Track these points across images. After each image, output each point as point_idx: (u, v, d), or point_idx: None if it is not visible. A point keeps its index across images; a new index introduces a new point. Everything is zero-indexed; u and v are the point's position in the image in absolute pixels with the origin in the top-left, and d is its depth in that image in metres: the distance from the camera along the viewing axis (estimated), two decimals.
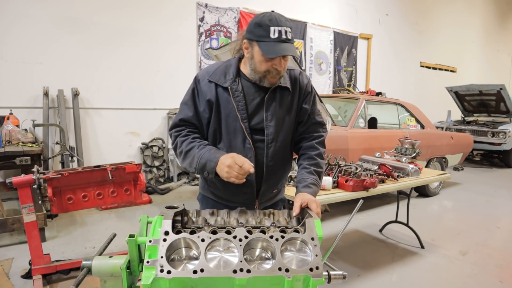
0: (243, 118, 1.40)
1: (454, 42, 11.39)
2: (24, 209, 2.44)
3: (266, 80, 1.39)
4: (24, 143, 3.72)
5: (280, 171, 1.53)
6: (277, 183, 1.57)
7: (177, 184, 5.45)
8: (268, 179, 1.48)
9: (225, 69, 1.45)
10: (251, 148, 1.42)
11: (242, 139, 1.41)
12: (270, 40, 1.31)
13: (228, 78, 1.42)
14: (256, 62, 1.36)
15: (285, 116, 1.47)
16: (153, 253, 0.94)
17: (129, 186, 2.82)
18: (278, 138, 1.45)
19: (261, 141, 1.44)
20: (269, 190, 1.54)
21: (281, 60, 1.34)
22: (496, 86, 7.68)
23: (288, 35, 1.33)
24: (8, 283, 2.56)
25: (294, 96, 1.50)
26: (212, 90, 1.41)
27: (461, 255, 3.27)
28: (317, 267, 0.95)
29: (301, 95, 1.53)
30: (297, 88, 1.51)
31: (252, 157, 1.41)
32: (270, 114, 1.43)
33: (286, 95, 1.47)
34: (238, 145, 1.42)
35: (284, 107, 1.47)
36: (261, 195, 1.51)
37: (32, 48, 4.52)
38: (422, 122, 5.32)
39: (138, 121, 5.40)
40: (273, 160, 1.46)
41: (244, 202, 1.46)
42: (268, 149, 1.44)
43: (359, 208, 1.23)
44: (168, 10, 5.56)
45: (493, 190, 5.81)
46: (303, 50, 7.33)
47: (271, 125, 1.43)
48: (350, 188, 2.56)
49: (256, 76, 1.40)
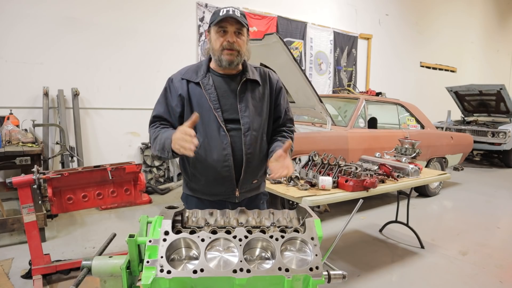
0: (215, 108, 1.51)
1: (454, 42, 11.39)
2: (24, 209, 2.44)
3: (223, 58, 1.48)
4: (24, 143, 3.72)
5: (258, 160, 1.60)
6: (257, 173, 1.63)
7: (177, 184, 5.45)
8: (247, 167, 1.55)
9: (196, 68, 1.59)
10: (226, 135, 1.50)
11: (216, 127, 1.50)
12: (219, 17, 1.46)
13: (199, 75, 1.55)
14: (213, 42, 1.51)
15: (257, 107, 1.58)
16: (153, 253, 0.94)
17: (129, 186, 2.82)
18: (253, 127, 1.55)
19: (237, 129, 1.53)
20: (249, 179, 1.60)
21: (233, 35, 1.47)
22: (496, 86, 7.68)
23: (236, 12, 1.46)
24: (8, 283, 2.56)
25: (265, 90, 1.62)
26: (183, 86, 1.54)
27: (461, 255, 3.27)
28: (317, 266, 0.95)
29: (273, 90, 1.65)
30: (267, 83, 1.64)
31: (228, 144, 1.50)
32: (244, 105, 1.54)
33: (257, 87, 1.59)
34: (213, 134, 1.50)
35: (256, 99, 1.58)
36: (241, 183, 1.57)
37: (32, 48, 4.52)
38: (422, 122, 5.32)
39: (138, 121, 5.40)
40: (251, 148, 1.54)
41: (225, 192, 1.57)
42: (245, 138, 1.53)
43: (358, 208, 1.23)
44: (168, 10, 5.57)
45: (493, 190, 5.81)
46: (303, 50, 7.33)
47: (245, 115, 1.53)
48: (350, 188, 2.56)
49: (215, 56, 1.51)
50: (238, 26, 1.47)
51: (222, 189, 1.57)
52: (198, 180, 1.59)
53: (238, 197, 1.59)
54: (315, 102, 3.98)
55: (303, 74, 3.74)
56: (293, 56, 3.62)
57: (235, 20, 1.45)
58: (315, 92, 3.87)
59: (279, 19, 6.73)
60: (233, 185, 1.56)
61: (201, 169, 1.55)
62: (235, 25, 1.46)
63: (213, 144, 1.51)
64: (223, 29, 1.47)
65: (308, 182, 2.62)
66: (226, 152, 1.50)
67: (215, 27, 1.48)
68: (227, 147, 1.49)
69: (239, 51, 1.49)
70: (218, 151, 1.50)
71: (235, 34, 1.47)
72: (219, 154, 1.50)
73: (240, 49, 1.50)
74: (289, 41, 6.94)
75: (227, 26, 1.46)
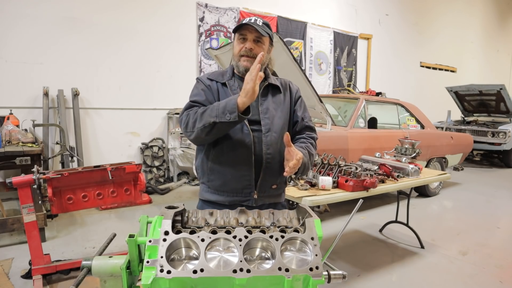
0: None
1: (454, 42, 11.39)
2: (24, 209, 2.44)
3: (240, 64, 1.56)
4: (24, 143, 3.72)
5: (278, 163, 1.59)
6: (276, 177, 1.62)
7: (177, 184, 5.45)
8: (266, 167, 1.56)
9: (222, 72, 1.69)
10: (249, 133, 1.54)
11: (240, 125, 1.53)
12: (240, 24, 1.55)
13: (225, 77, 1.64)
14: (234, 47, 1.60)
15: (278, 110, 1.63)
16: (153, 253, 0.94)
17: (129, 186, 2.82)
18: (273, 129, 1.58)
19: (258, 130, 1.56)
20: (268, 181, 1.59)
21: (251, 42, 1.54)
22: (496, 86, 7.68)
23: (258, 21, 1.54)
24: (8, 283, 2.56)
25: (285, 96, 1.69)
26: (213, 85, 1.63)
27: (461, 255, 3.27)
28: (317, 266, 0.95)
29: (292, 97, 1.72)
30: (288, 91, 1.71)
31: (250, 142, 1.53)
32: (265, 107, 1.59)
33: (277, 93, 1.66)
34: (237, 131, 1.54)
35: (276, 103, 1.64)
36: (259, 185, 1.57)
37: (32, 48, 4.52)
38: (422, 122, 5.32)
39: (138, 121, 5.41)
40: (271, 149, 1.56)
41: (243, 192, 1.56)
42: (265, 138, 1.56)
43: (358, 208, 1.23)
44: (168, 10, 5.57)
45: (493, 190, 5.81)
46: (303, 50, 7.33)
47: (266, 117, 1.58)
48: (350, 188, 2.56)
49: (234, 62, 1.59)
50: (257, 34, 1.53)
51: (239, 186, 1.56)
52: (217, 176, 1.58)
53: (257, 200, 1.58)
54: (315, 102, 3.98)
55: (303, 74, 3.74)
56: (293, 56, 3.62)
57: (255, 28, 1.51)
58: (315, 92, 3.87)
59: (279, 19, 6.74)
60: (251, 185, 1.56)
61: (222, 164, 1.56)
62: (255, 33, 1.53)
63: (236, 141, 1.54)
64: (243, 36, 1.55)
65: (308, 182, 2.62)
66: (247, 150, 1.53)
67: (237, 34, 1.58)
68: (249, 145, 1.53)
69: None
70: (240, 147, 1.53)
71: (254, 42, 1.54)
72: (241, 150, 1.53)
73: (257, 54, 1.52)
74: (289, 41, 6.94)
75: (247, 34, 1.54)
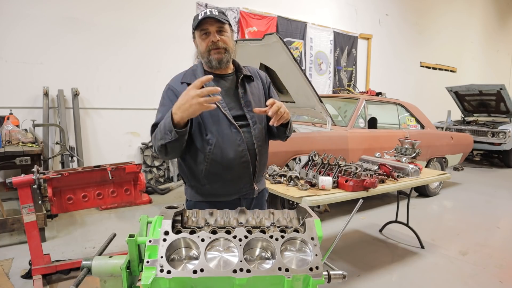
0: (223, 106, 1.51)
1: (454, 42, 11.39)
2: (24, 209, 2.44)
3: (212, 58, 1.50)
4: (24, 143, 3.72)
5: (265, 151, 1.65)
6: (266, 165, 1.69)
7: (177, 184, 5.45)
8: (260, 159, 1.58)
9: (192, 72, 1.59)
10: (238, 131, 1.51)
11: (228, 125, 1.50)
12: (198, 20, 1.48)
13: (198, 77, 1.49)
14: (198, 45, 1.53)
15: (256, 101, 1.61)
16: (153, 253, 0.94)
17: (129, 186, 2.82)
18: (258, 120, 1.58)
19: (246, 125, 1.54)
20: (262, 171, 1.64)
21: (215, 35, 1.48)
22: (496, 86, 7.68)
23: (214, 11, 1.48)
24: (8, 283, 2.56)
25: (258, 84, 1.67)
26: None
27: (461, 255, 3.27)
28: (317, 266, 0.95)
29: (264, 84, 1.71)
30: (258, 78, 1.69)
31: (242, 140, 1.51)
32: (247, 100, 1.56)
33: (252, 82, 1.63)
34: (225, 132, 1.50)
35: (254, 93, 1.62)
36: (256, 176, 1.60)
37: (32, 48, 4.52)
38: (422, 122, 5.32)
39: (138, 121, 5.40)
40: (260, 141, 1.58)
41: (243, 189, 1.57)
42: (254, 131, 1.55)
43: (358, 208, 1.23)
44: (168, 10, 5.57)
45: (493, 190, 5.81)
46: (303, 50, 7.33)
47: (250, 109, 1.55)
48: (350, 188, 2.55)
49: (204, 59, 1.52)
50: (218, 25, 1.48)
51: (240, 185, 1.56)
52: (213, 182, 1.54)
53: (256, 191, 1.61)
54: (315, 102, 3.98)
55: (303, 74, 3.75)
56: (293, 56, 3.62)
57: (214, 19, 1.46)
58: (315, 92, 3.87)
59: (279, 19, 6.74)
60: (251, 180, 1.57)
61: (218, 170, 1.51)
62: (216, 24, 1.48)
63: (228, 143, 1.49)
64: (205, 31, 1.49)
65: (308, 182, 2.62)
66: (241, 148, 1.51)
67: (197, 32, 1.51)
68: (241, 143, 1.50)
69: (225, 48, 1.50)
70: (233, 148, 1.50)
71: (217, 33, 1.48)
72: (235, 151, 1.50)
73: (227, 45, 1.51)
74: (289, 41, 6.94)
75: (208, 27, 1.48)
